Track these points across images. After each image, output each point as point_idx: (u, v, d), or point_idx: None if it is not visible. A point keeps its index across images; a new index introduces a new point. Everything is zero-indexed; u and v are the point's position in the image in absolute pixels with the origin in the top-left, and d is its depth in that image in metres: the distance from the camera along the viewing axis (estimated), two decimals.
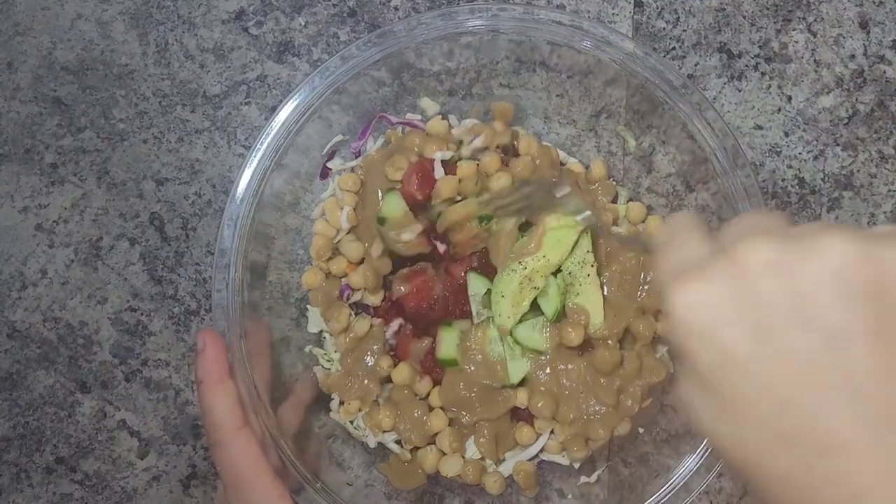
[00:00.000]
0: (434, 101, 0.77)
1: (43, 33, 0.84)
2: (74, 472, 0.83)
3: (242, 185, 0.68)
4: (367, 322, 0.73)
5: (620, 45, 0.68)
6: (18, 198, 0.84)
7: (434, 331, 0.72)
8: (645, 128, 0.75)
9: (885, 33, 0.83)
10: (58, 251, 0.83)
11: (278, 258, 0.74)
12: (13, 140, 0.84)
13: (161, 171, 0.83)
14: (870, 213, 0.83)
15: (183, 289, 0.83)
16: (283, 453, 0.65)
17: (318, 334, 0.77)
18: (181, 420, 0.83)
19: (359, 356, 0.73)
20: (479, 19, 0.69)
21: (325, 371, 0.75)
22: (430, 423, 0.71)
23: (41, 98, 0.84)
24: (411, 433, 0.70)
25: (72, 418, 0.83)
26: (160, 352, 0.83)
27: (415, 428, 0.70)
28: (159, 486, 0.83)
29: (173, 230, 0.83)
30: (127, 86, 0.84)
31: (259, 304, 0.71)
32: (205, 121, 0.83)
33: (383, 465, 0.74)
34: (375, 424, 0.72)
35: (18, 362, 0.83)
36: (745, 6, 0.83)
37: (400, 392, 0.72)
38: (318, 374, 0.75)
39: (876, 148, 0.83)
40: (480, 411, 0.70)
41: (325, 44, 0.83)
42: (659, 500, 0.66)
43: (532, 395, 0.70)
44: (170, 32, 0.84)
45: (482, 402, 0.70)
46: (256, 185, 0.68)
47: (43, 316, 0.83)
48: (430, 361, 0.72)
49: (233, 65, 0.83)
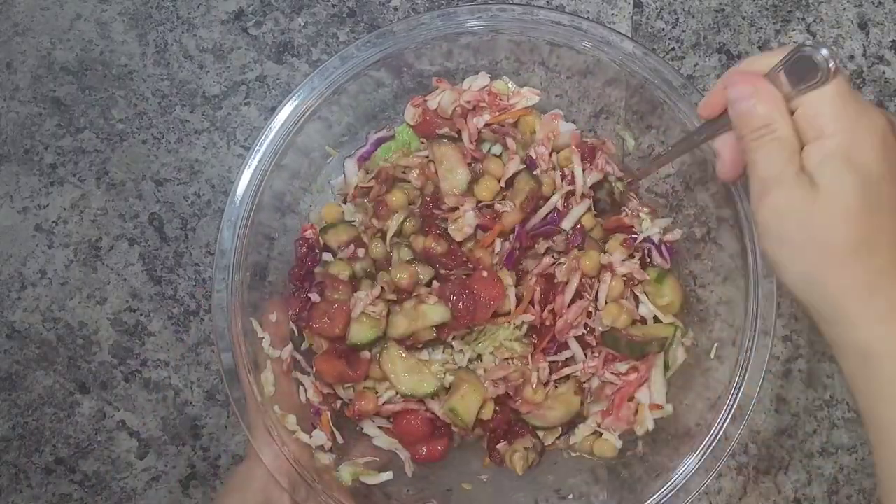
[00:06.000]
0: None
1: (42, 34, 0.84)
2: (74, 473, 0.83)
3: (242, 185, 0.68)
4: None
5: (620, 46, 0.68)
6: (18, 198, 0.83)
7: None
8: (644, 128, 0.75)
9: (884, 34, 0.83)
10: (57, 251, 0.83)
11: (278, 258, 0.74)
12: (13, 140, 0.84)
13: (160, 172, 0.83)
14: None
15: (182, 289, 0.83)
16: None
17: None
18: (180, 420, 0.83)
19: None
20: (478, 19, 0.69)
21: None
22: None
23: (40, 98, 0.84)
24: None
25: (71, 419, 0.83)
26: (159, 352, 0.83)
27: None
28: (158, 487, 0.83)
29: (172, 230, 0.83)
30: (126, 86, 0.84)
31: (259, 304, 0.71)
32: (204, 121, 0.83)
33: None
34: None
35: (18, 363, 0.83)
36: (744, 7, 0.83)
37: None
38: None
39: None
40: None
41: (325, 44, 0.83)
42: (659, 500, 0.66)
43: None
44: (169, 33, 0.84)
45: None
46: (256, 185, 0.68)
47: (42, 316, 0.83)
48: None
49: (232, 65, 0.83)
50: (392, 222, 0.72)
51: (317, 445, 0.70)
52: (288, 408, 0.69)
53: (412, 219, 0.73)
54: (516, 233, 0.72)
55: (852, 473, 0.83)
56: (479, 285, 0.70)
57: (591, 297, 0.73)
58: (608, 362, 0.73)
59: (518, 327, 0.72)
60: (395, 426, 0.73)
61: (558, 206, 0.73)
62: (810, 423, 0.83)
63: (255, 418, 0.67)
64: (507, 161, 0.73)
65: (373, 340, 0.71)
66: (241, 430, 0.81)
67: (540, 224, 0.73)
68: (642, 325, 0.73)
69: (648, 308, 0.73)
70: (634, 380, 0.72)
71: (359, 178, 0.77)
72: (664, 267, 0.75)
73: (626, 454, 0.73)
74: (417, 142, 0.77)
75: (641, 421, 0.71)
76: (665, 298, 0.73)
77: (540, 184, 0.72)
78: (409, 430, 0.72)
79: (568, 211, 0.73)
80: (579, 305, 0.72)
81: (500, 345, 0.72)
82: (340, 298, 0.71)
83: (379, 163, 0.77)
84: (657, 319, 0.73)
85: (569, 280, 0.72)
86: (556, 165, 0.74)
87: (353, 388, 0.73)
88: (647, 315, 0.73)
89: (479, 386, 0.71)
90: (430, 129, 0.76)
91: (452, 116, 0.75)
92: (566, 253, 0.73)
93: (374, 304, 0.70)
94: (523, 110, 0.75)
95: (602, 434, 0.73)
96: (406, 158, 0.75)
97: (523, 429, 0.74)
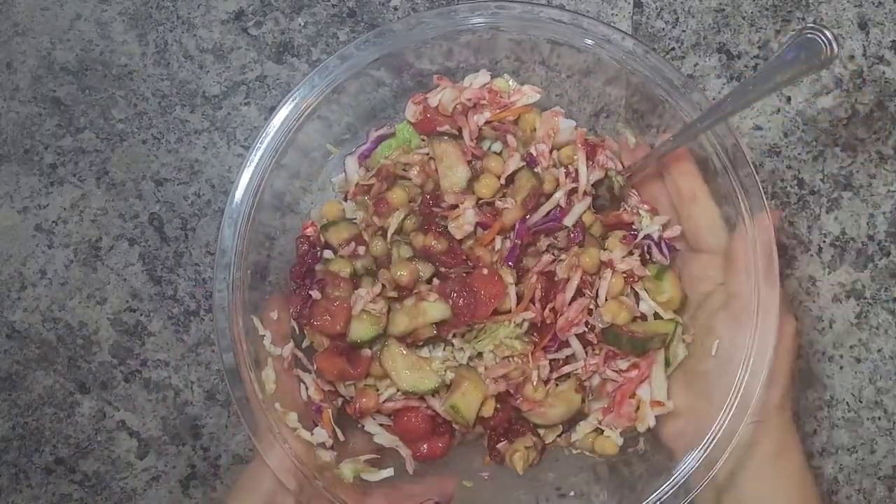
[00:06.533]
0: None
1: (42, 34, 0.84)
2: (74, 473, 0.83)
3: (242, 185, 0.68)
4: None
5: (621, 44, 0.68)
6: (18, 198, 0.83)
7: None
8: (644, 127, 0.75)
9: (884, 34, 0.83)
10: (57, 251, 0.83)
11: (279, 257, 0.74)
12: (13, 140, 0.84)
13: (160, 172, 0.83)
14: (869, 213, 0.83)
15: (182, 289, 0.83)
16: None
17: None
18: (180, 420, 0.83)
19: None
20: (478, 17, 0.69)
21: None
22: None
23: (40, 98, 0.84)
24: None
25: (71, 419, 0.83)
26: (159, 352, 0.83)
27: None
28: (158, 487, 0.83)
29: (172, 230, 0.83)
30: (126, 86, 0.84)
31: (260, 302, 0.71)
32: (204, 121, 0.83)
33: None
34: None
35: (18, 363, 0.83)
36: (744, 7, 0.83)
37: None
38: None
39: (875, 148, 0.83)
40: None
41: (325, 44, 0.84)
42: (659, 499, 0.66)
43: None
44: (169, 33, 0.84)
45: None
46: (257, 184, 0.68)
47: (42, 316, 0.83)
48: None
49: (232, 65, 0.83)
50: (392, 220, 0.72)
51: (318, 443, 0.70)
52: (289, 405, 0.69)
53: (412, 216, 0.73)
54: (517, 230, 0.72)
55: (852, 473, 0.83)
56: (480, 283, 0.69)
57: (592, 294, 0.73)
58: (609, 359, 0.72)
59: (518, 325, 0.72)
60: (396, 423, 0.73)
61: (561, 203, 0.73)
62: (810, 423, 0.83)
63: (258, 418, 0.67)
64: (507, 158, 0.73)
65: (373, 338, 0.70)
66: (241, 429, 0.82)
67: (542, 221, 0.73)
68: (643, 322, 0.73)
69: (649, 304, 0.72)
70: (635, 377, 0.71)
71: (359, 175, 0.77)
72: (664, 263, 0.74)
73: (627, 451, 0.73)
74: (418, 139, 0.77)
75: (643, 417, 0.71)
76: (665, 295, 0.72)
77: (541, 181, 0.72)
78: (409, 428, 0.72)
79: (570, 208, 0.73)
80: (580, 303, 0.71)
81: (501, 343, 0.72)
82: (341, 296, 0.71)
83: (379, 160, 0.76)
84: (657, 316, 0.73)
85: (569, 277, 0.72)
86: (556, 163, 0.74)
87: (353, 386, 0.73)
88: (648, 312, 0.73)
89: (479, 383, 0.71)
90: (430, 127, 0.76)
91: (453, 114, 0.74)
92: (566, 250, 0.73)
93: (374, 301, 0.70)
94: (524, 108, 0.75)
95: (603, 431, 0.73)
96: (406, 156, 0.75)
97: (524, 427, 0.73)
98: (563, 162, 0.74)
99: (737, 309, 0.67)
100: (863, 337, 0.83)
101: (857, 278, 0.83)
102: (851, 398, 0.83)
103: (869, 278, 0.83)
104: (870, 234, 0.83)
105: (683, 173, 0.70)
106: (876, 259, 0.83)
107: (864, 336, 0.83)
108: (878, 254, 0.83)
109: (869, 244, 0.83)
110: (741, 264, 0.66)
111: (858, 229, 0.83)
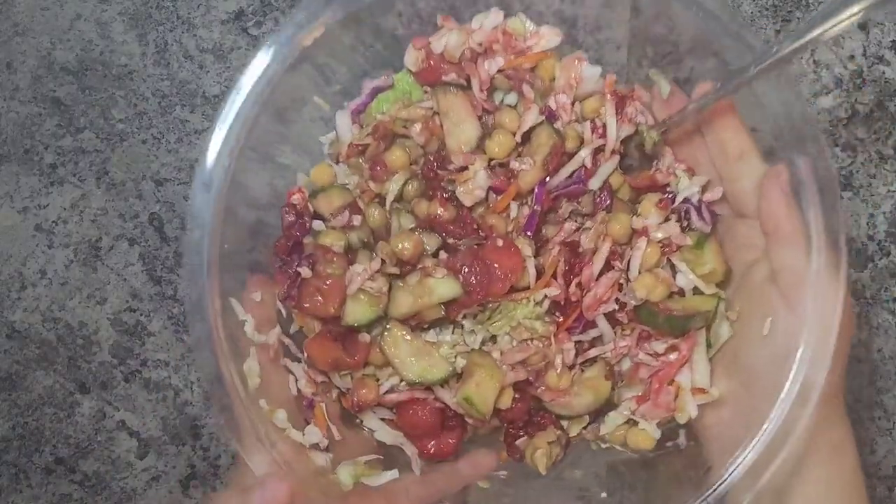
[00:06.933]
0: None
1: (42, 34, 0.84)
2: (74, 473, 0.83)
3: (216, 145, 0.57)
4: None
5: None
6: (18, 198, 0.84)
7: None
8: (682, 75, 0.66)
9: (884, 34, 0.83)
10: (57, 251, 0.83)
11: (261, 230, 0.65)
12: (13, 140, 0.84)
13: (160, 172, 0.83)
14: (869, 213, 0.83)
15: (182, 289, 0.83)
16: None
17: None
18: (180, 420, 0.83)
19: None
20: None
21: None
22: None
23: (40, 98, 0.84)
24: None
25: (71, 419, 0.83)
26: (159, 352, 0.83)
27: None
28: (158, 487, 0.83)
29: (172, 230, 0.83)
30: (126, 86, 0.84)
31: (238, 284, 0.62)
32: (204, 121, 0.83)
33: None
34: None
35: (18, 363, 0.83)
36: (744, 7, 0.83)
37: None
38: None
39: (875, 148, 0.83)
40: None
41: None
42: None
43: None
44: (169, 33, 0.84)
45: None
46: (232, 146, 0.57)
47: (42, 316, 0.83)
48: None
49: (232, 65, 0.83)
50: (392, 185, 0.64)
51: (311, 444, 0.61)
52: (277, 402, 0.60)
53: (414, 181, 0.65)
54: (535, 195, 0.63)
55: None
56: (494, 256, 0.61)
57: (622, 267, 0.63)
58: (642, 341, 0.64)
59: (539, 303, 0.63)
60: (400, 418, 0.65)
61: (586, 164, 0.63)
62: None
63: (239, 418, 0.58)
64: (523, 112, 0.64)
65: (372, 321, 0.62)
66: None
67: (563, 184, 0.64)
68: (681, 298, 0.64)
69: (688, 278, 0.63)
70: (675, 360, 0.62)
71: (353, 134, 0.67)
72: (704, 231, 0.64)
73: (665, 446, 0.65)
74: (420, 91, 0.67)
75: (683, 407, 0.61)
76: (706, 266, 0.62)
77: (563, 138, 0.63)
78: (415, 422, 0.64)
79: (596, 168, 0.64)
80: (609, 277, 0.63)
81: (519, 324, 0.63)
82: (334, 273, 0.62)
83: (376, 116, 0.67)
84: (697, 291, 0.63)
85: (596, 248, 0.63)
86: (579, 117, 0.65)
87: (350, 376, 0.65)
88: (686, 286, 0.63)
89: (496, 371, 0.62)
90: (434, 77, 0.65)
91: (460, 61, 0.64)
92: (592, 217, 0.64)
93: (372, 278, 0.62)
94: (542, 53, 0.64)
95: (637, 423, 0.64)
96: (407, 111, 0.66)
97: (545, 419, 0.66)
98: (588, 116, 0.65)
99: (791, 281, 0.56)
100: (863, 337, 0.83)
101: (856, 278, 0.83)
102: (851, 398, 0.83)
103: (869, 278, 0.83)
104: (870, 234, 0.83)
105: (728, 128, 0.60)
106: (876, 259, 0.83)
107: (864, 336, 0.83)
108: (878, 254, 0.83)
109: (869, 244, 0.83)
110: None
111: (858, 229, 0.83)
